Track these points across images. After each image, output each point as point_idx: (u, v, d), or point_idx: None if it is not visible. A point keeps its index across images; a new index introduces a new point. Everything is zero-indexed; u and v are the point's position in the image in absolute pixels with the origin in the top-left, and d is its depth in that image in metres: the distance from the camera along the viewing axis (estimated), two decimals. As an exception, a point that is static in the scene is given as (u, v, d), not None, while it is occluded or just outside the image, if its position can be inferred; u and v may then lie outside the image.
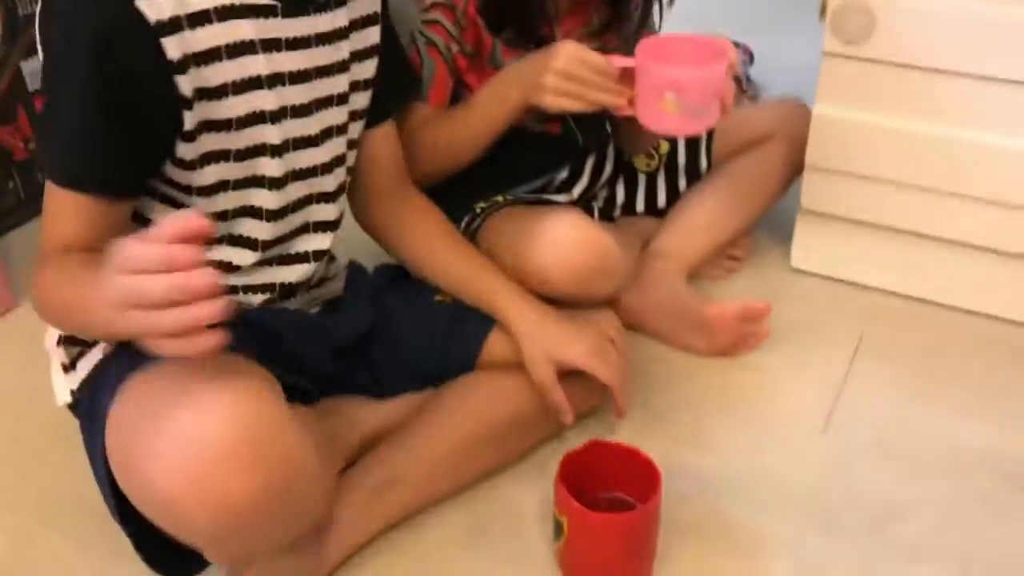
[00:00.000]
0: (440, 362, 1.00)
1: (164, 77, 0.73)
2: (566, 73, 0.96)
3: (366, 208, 1.03)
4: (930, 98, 1.12)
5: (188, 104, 0.75)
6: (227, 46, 0.76)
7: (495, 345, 1.00)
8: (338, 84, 0.88)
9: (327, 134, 0.88)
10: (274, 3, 0.79)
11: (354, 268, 1.06)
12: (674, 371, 1.16)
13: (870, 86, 1.14)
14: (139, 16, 0.70)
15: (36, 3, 1.35)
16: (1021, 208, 1.13)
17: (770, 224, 1.35)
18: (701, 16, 1.99)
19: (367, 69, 0.92)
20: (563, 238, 1.02)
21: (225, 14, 0.75)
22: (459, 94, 1.12)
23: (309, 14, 0.82)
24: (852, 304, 1.27)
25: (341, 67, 0.87)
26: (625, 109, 0.97)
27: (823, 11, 1.12)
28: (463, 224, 1.15)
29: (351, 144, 0.93)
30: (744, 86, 1.66)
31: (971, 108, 1.10)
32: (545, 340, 0.96)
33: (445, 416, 0.97)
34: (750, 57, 1.72)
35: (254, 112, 0.80)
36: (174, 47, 0.73)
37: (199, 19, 0.74)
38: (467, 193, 1.16)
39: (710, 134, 1.29)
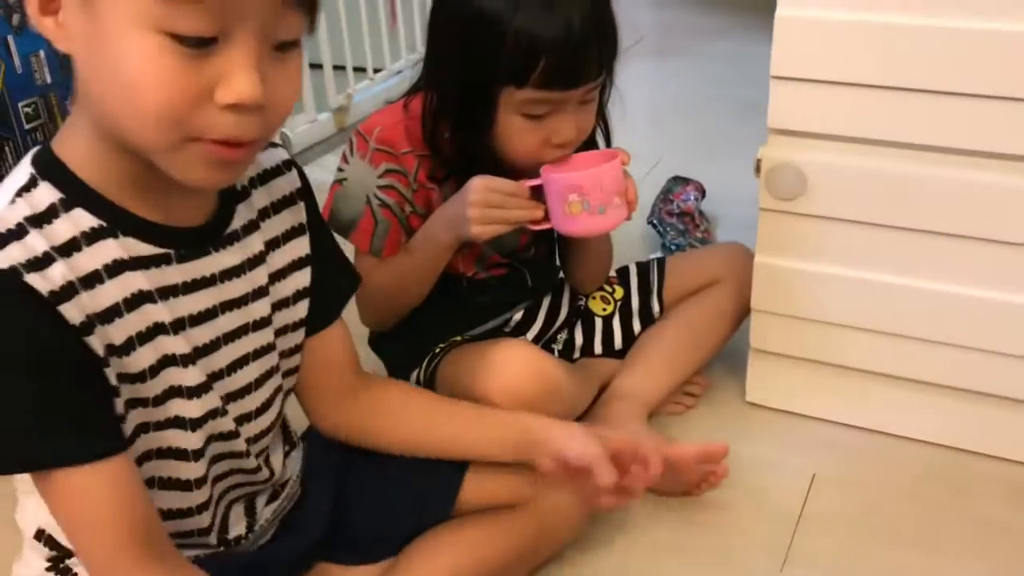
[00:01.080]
0: (417, 517, 1.02)
1: (76, 342, 0.71)
2: (483, 202, 1.07)
3: (328, 411, 0.98)
4: (863, 248, 1.19)
5: (105, 362, 0.73)
6: (124, 300, 0.74)
7: (471, 490, 1.02)
8: (255, 311, 0.85)
9: (243, 361, 0.85)
10: (166, 251, 0.77)
11: (312, 445, 1.02)
12: (634, 511, 1.20)
13: (805, 237, 1.22)
14: (30, 290, 0.68)
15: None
16: (958, 346, 1.19)
17: (724, 359, 1.42)
18: (651, 151, 2.10)
19: (296, 281, 0.90)
20: (508, 365, 1.10)
21: (116, 270, 0.74)
22: None
23: (209, 254, 0.80)
24: (807, 437, 1.32)
25: (258, 293, 0.85)
26: (542, 223, 1.10)
27: (757, 169, 1.21)
28: (423, 365, 1.22)
29: (283, 354, 0.91)
30: (697, 220, 1.74)
31: (905, 256, 1.17)
32: (584, 430, 0.97)
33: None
34: (702, 192, 1.81)
35: (164, 356, 0.78)
36: (74, 312, 0.71)
37: (91, 280, 0.72)
38: (426, 339, 1.24)
39: (660, 280, 1.37)
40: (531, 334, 1.32)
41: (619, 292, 1.37)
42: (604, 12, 1.07)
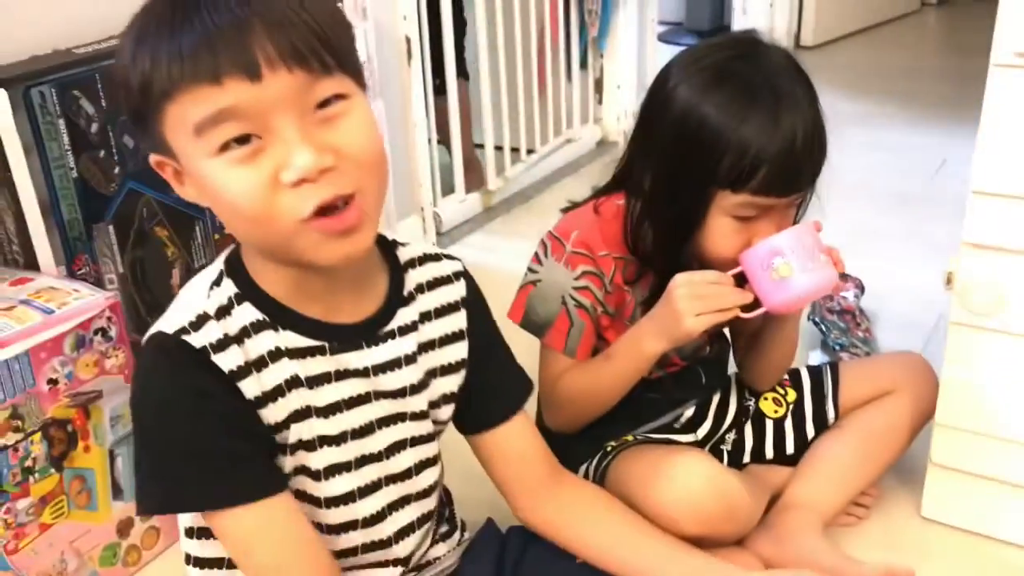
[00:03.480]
0: None
1: (251, 411, 0.84)
2: (691, 295, 1.07)
3: (524, 504, 1.03)
4: (1060, 368, 1.15)
5: (275, 430, 0.86)
6: (285, 381, 0.85)
7: None
8: (410, 404, 0.93)
9: (401, 446, 0.94)
10: (321, 343, 0.87)
11: (484, 529, 1.07)
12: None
13: (998, 353, 1.18)
14: (217, 368, 0.82)
15: (208, 256, 1.50)
16: None
17: (896, 472, 1.37)
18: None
19: (447, 384, 0.96)
20: (690, 479, 1.08)
21: (276, 356, 0.85)
22: (598, 347, 1.20)
23: (361, 348, 0.89)
24: (986, 559, 1.27)
25: (414, 388, 0.93)
26: (753, 310, 1.08)
27: (949, 281, 1.18)
28: (594, 462, 1.22)
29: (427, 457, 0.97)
30: (858, 318, 1.71)
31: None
32: None
33: None
34: (861, 289, 1.78)
35: (311, 439, 0.88)
36: (252, 387, 0.83)
37: (259, 364, 0.84)
38: (596, 433, 1.23)
39: (835, 386, 1.34)
40: (702, 431, 1.31)
41: (792, 395, 1.35)
42: (821, 125, 1.07)
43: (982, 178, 1.11)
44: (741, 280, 1.10)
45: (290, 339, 0.86)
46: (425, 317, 0.94)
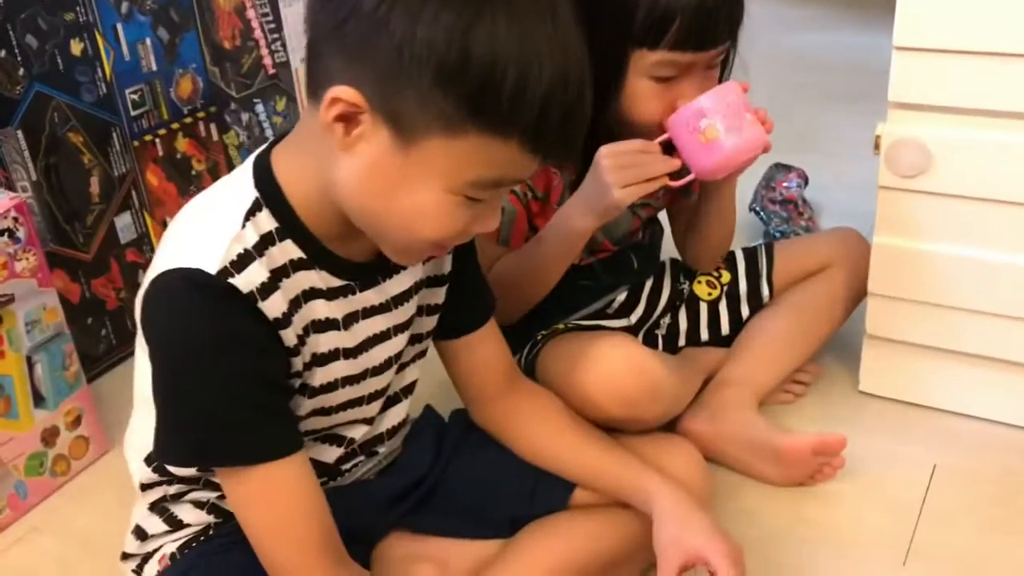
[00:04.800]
0: (527, 501, 1.01)
1: (287, 360, 0.81)
2: (618, 165, 1.03)
3: (482, 409, 1.04)
4: (989, 227, 1.14)
5: (299, 375, 0.83)
6: (312, 323, 0.82)
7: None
8: (412, 326, 0.94)
9: (387, 365, 0.93)
10: (350, 283, 0.85)
11: (423, 416, 1.07)
12: (746, 502, 1.16)
13: (927, 217, 1.17)
14: (263, 315, 0.77)
15: (127, 164, 1.45)
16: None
17: (835, 347, 1.37)
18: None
19: (434, 295, 0.96)
20: (611, 361, 1.06)
21: (310, 296, 0.82)
22: (529, 237, 1.18)
23: (379, 283, 0.88)
24: (924, 428, 1.27)
25: (416, 311, 0.93)
26: (681, 179, 1.05)
27: (877, 146, 1.16)
28: (524, 353, 1.20)
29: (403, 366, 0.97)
30: (800, 208, 1.69)
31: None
32: (690, 524, 0.93)
33: (531, 559, 0.97)
34: (804, 180, 1.76)
35: (336, 380, 0.87)
36: (290, 336, 0.80)
37: (296, 305, 0.80)
38: (529, 325, 1.21)
39: (770, 265, 1.32)
40: (634, 316, 1.29)
41: (726, 276, 1.33)
42: None
43: (904, 32, 1.08)
44: (669, 149, 1.07)
45: (326, 279, 0.83)
46: None
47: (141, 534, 0.92)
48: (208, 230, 0.78)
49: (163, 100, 1.50)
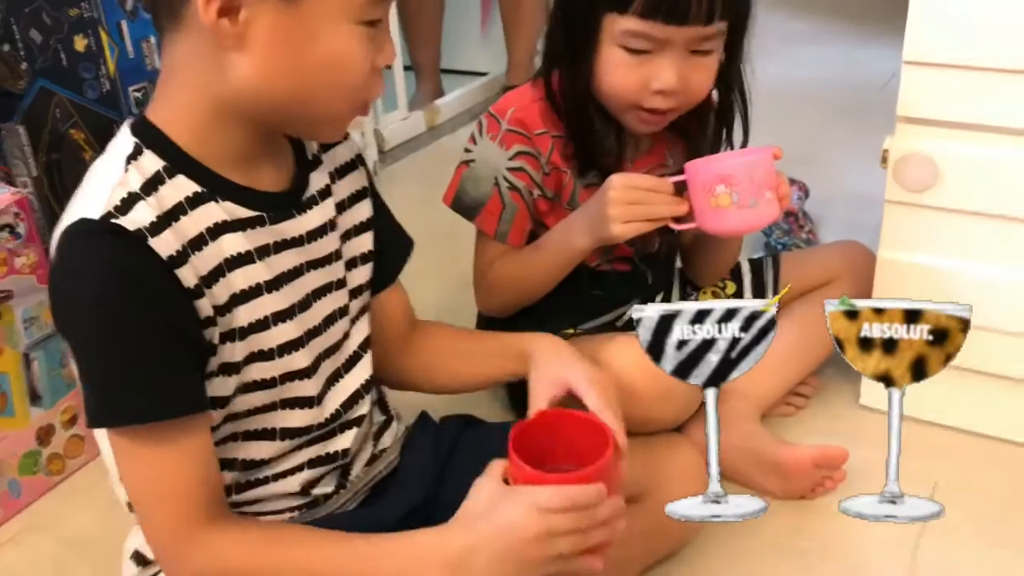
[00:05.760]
0: None
1: (190, 304, 0.76)
2: (624, 199, 1.02)
3: (386, 362, 1.00)
4: (995, 243, 1.14)
5: (213, 321, 0.78)
6: (226, 260, 0.79)
7: None
8: (335, 271, 0.89)
9: (332, 319, 0.89)
10: (260, 214, 0.81)
11: (418, 423, 1.04)
12: (750, 515, 1.16)
13: (934, 232, 1.16)
14: (154, 254, 0.73)
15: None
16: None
17: (837, 360, 1.35)
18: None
19: (362, 244, 0.93)
20: (625, 362, 1.05)
21: (216, 232, 0.78)
22: (536, 233, 1.18)
23: (294, 216, 0.85)
24: (926, 443, 1.26)
25: (337, 255, 0.89)
26: (686, 222, 1.04)
27: (884, 160, 1.16)
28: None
29: (353, 319, 0.93)
30: (801, 220, 1.69)
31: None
32: (560, 361, 0.93)
33: None
34: (805, 193, 1.76)
35: (266, 315, 0.82)
36: (189, 275, 0.75)
37: (198, 244, 0.77)
38: (540, 327, 1.19)
39: (776, 278, 1.32)
40: (641, 327, 1.28)
41: (731, 288, 1.33)
42: None
43: (914, 47, 1.08)
44: (681, 187, 1.05)
45: (232, 210, 0.79)
46: (332, 178, 0.91)
47: (140, 559, 0.88)
48: (92, 187, 0.76)
49: (166, 98, 1.49)
